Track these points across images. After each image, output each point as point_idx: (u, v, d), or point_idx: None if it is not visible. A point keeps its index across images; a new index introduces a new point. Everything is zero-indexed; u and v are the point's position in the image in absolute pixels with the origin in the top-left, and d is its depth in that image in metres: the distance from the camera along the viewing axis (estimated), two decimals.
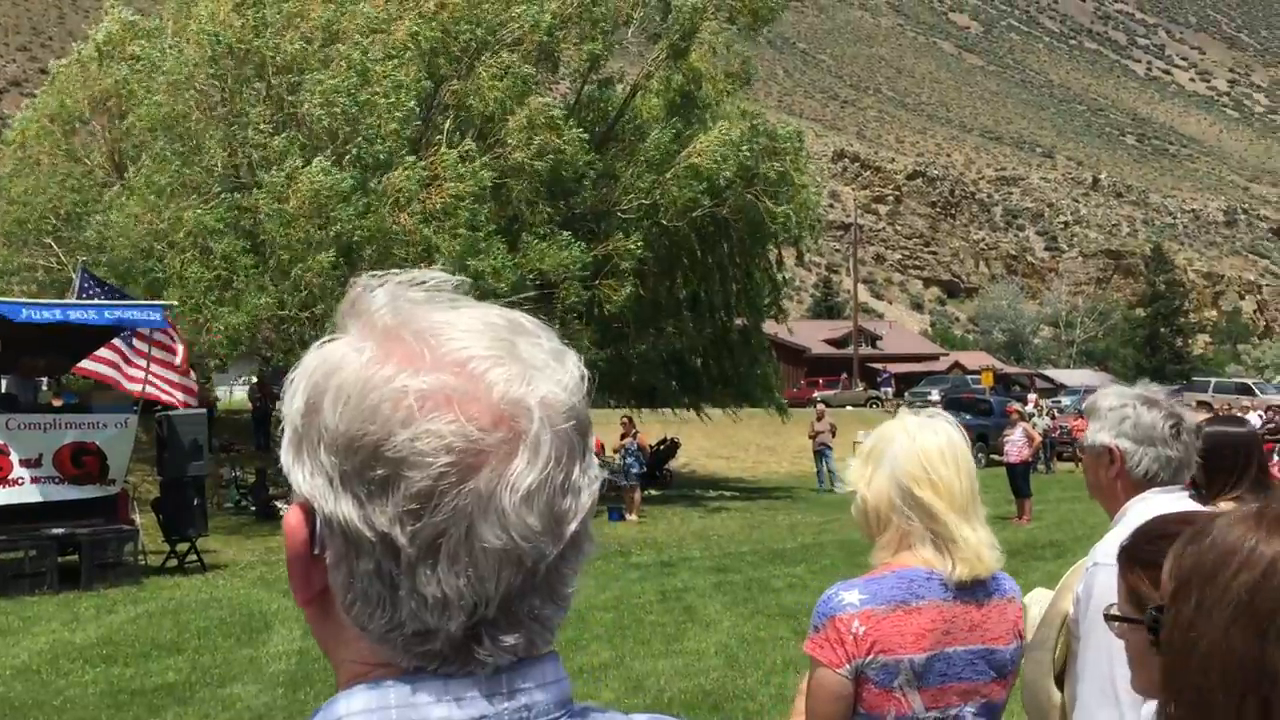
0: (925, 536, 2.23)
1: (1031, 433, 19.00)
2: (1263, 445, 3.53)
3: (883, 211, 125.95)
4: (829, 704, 2.19)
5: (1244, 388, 44.81)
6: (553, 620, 0.84)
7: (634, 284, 20.74)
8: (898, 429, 2.31)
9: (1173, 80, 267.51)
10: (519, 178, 19.46)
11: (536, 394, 0.80)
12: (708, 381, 25.24)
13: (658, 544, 15.36)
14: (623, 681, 7.63)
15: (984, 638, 2.26)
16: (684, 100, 23.06)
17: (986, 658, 2.27)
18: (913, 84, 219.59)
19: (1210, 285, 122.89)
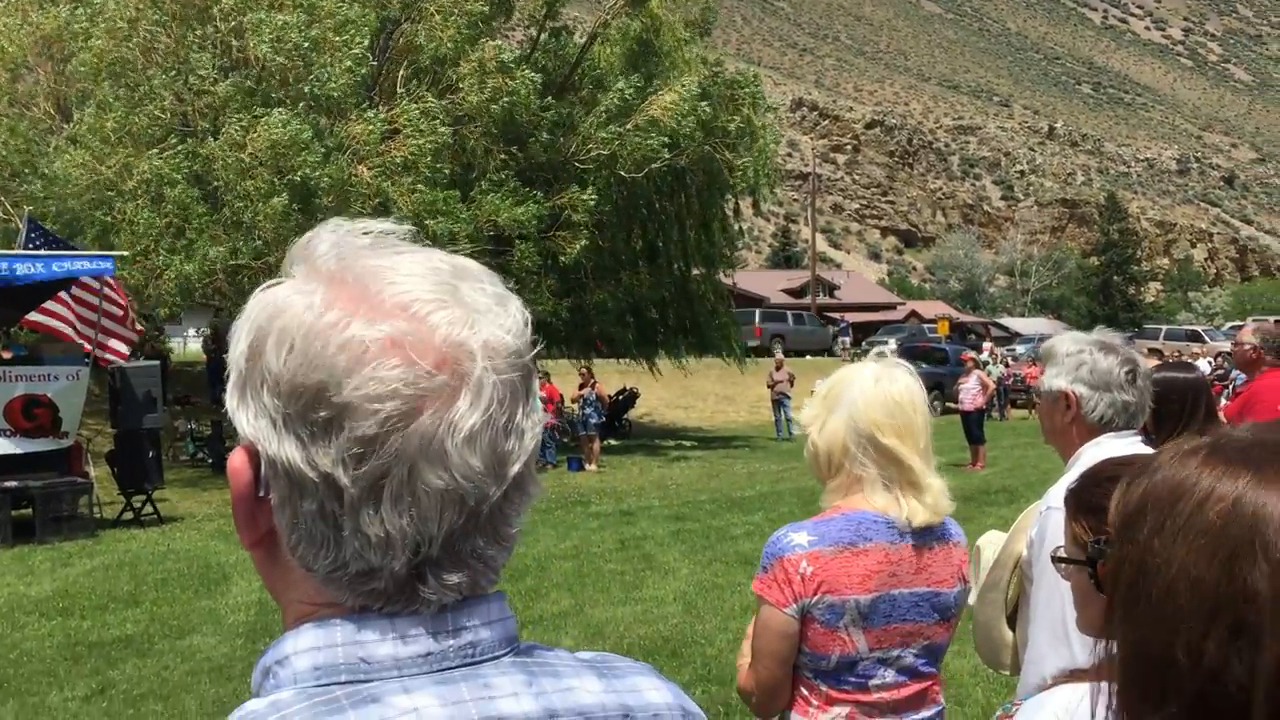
0: (878, 481, 2.25)
1: (986, 380, 19.22)
2: (1211, 390, 3.60)
3: (841, 161, 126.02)
4: (775, 642, 2.22)
5: (1194, 335, 45.54)
6: (496, 560, 0.85)
7: (589, 236, 20.63)
8: (857, 374, 2.32)
9: (1128, 29, 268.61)
10: (473, 125, 19.24)
11: (479, 337, 0.81)
12: (666, 332, 25.25)
13: (617, 493, 15.43)
14: (582, 629, 7.70)
15: (929, 581, 2.30)
16: (643, 49, 22.83)
17: (931, 600, 2.30)
18: (871, 32, 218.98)
19: (1163, 234, 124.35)
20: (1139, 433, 2.64)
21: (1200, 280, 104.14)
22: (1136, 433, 2.62)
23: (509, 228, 19.14)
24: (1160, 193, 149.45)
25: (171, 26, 18.14)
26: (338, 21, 17.54)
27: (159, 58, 18.15)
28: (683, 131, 20.76)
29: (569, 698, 0.86)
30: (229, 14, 18.09)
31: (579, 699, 0.87)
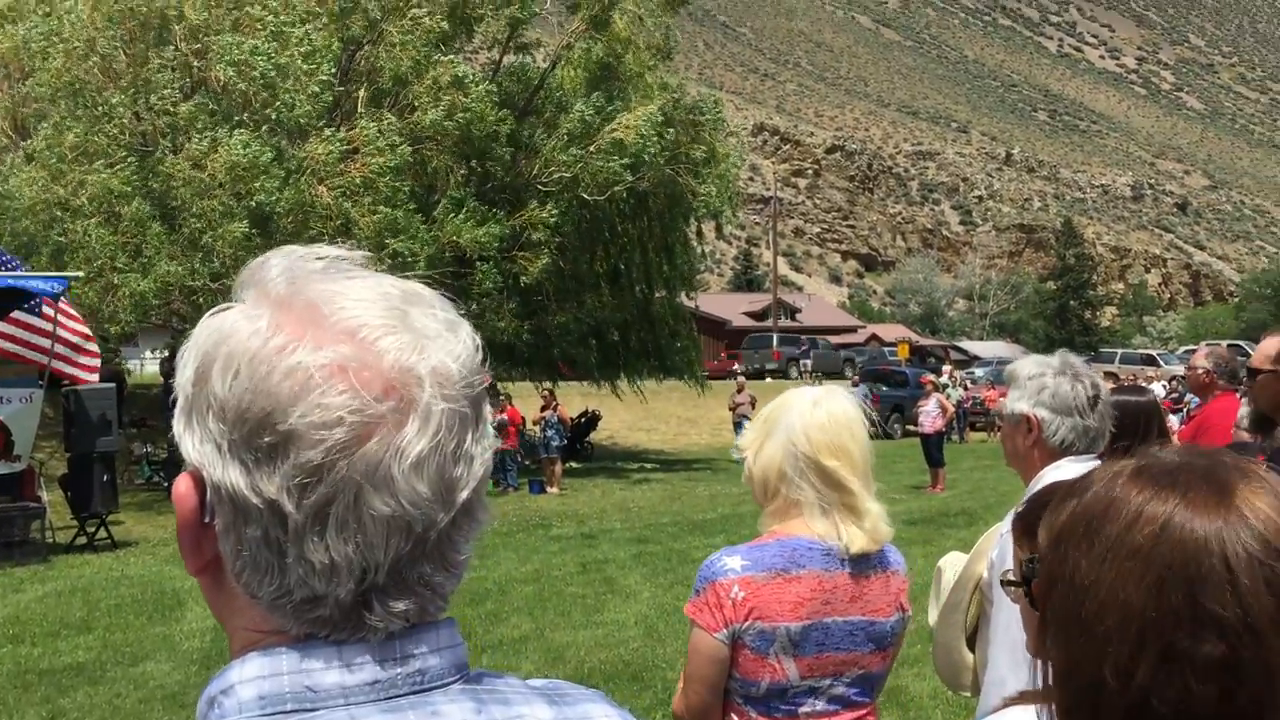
0: (816, 506, 2.22)
1: (945, 403, 19.34)
2: (1163, 413, 3.67)
3: (802, 185, 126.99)
4: (705, 667, 2.20)
5: (1149, 359, 46.12)
6: (444, 587, 0.84)
7: (551, 256, 20.65)
8: (796, 398, 2.30)
9: (1083, 57, 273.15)
10: (433, 143, 19.22)
11: (428, 363, 0.80)
12: (628, 354, 25.26)
13: (579, 516, 15.37)
14: (543, 653, 7.64)
15: (865, 610, 2.26)
16: (605, 73, 22.93)
17: (866, 630, 2.27)
18: (831, 58, 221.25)
19: (1118, 259, 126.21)
20: (1099, 456, 2.66)
21: (1155, 305, 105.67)
22: (1097, 456, 2.63)
23: (471, 248, 19.11)
24: (1115, 218, 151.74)
25: (131, 47, 18.01)
26: (305, 51, 17.48)
27: (118, 78, 18.00)
28: (645, 154, 20.84)
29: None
30: (191, 35, 18.00)
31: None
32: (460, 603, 9.31)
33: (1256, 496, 0.89)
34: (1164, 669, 0.85)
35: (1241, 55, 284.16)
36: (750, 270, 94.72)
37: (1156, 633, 0.85)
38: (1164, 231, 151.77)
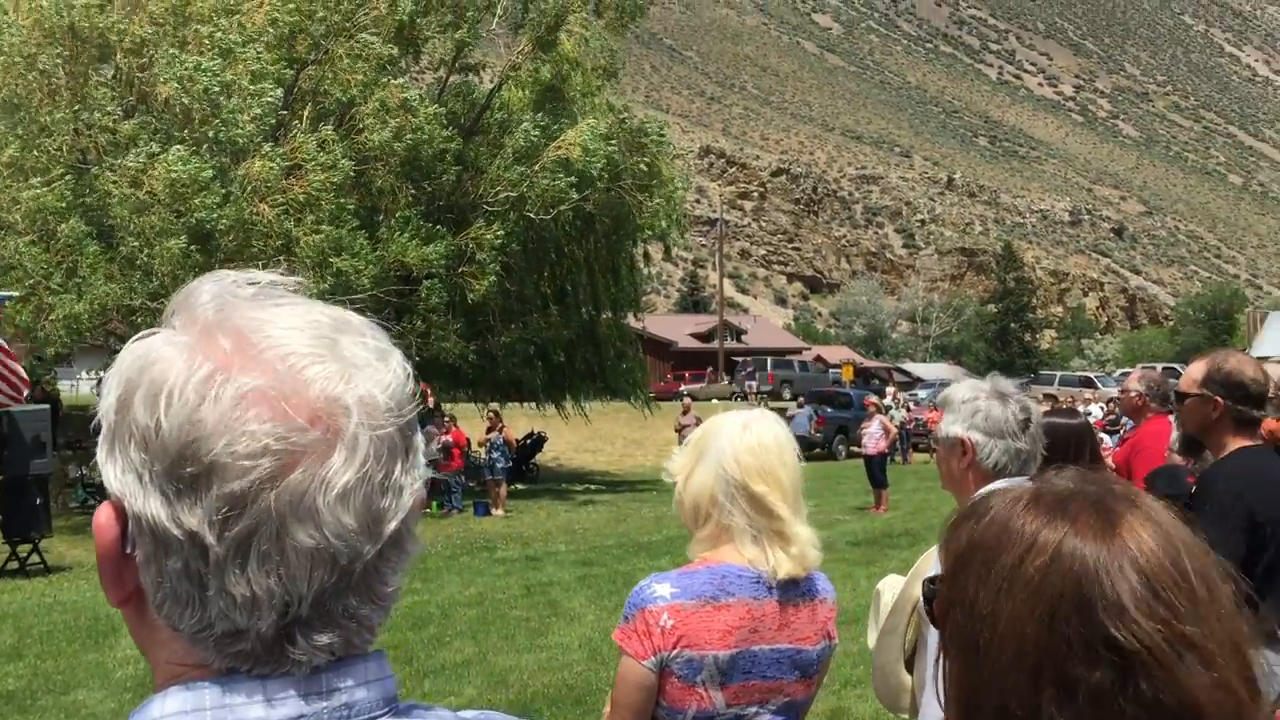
0: (746, 532, 2.21)
1: (888, 425, 19.51)
2: (1094, 435, 3.73)
3: (748, 207, 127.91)
4: (632, 694, 2.18)
5: (1087, 381, 46.96)
6: (371, 619, 0.83)
7: (496, 274, 20.60)
8: (725, 423, 2.29)
9: (1023, 84, 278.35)
10: (379, 163, 19.14)
11: (355, 392, 0.79)
12: (574, 375, 25.23)
13: (523, 538, 15.30)
14: (485, 677, 7.58)
15: (792, 637, 2.25)
16: (551, 94, 22.98)
17: (793, 658, 2.25)
18: (777, 83, 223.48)
19: (1056, 282, 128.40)
20: (1031, 479, 2.69)
21: (1092, 328, 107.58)
22: (1029, 479, 2.67)
23: (417, 267, 19.02)
24: (1054, 243, 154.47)
25: (72, 63, 17.75)
26: (253, 70, 17.35)
27: (57, 93, 17.73)
28: (592, 169, 20.86)
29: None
30: (134, 51, 17.78)
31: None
32: (402, 627, 9.21)
33: (1142, 526, 0.91)
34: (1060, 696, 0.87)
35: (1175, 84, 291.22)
36: (696, 292, 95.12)
37: (1052, 662, 0.87)
38: (1101, 256, 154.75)
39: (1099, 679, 0.86)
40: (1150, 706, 0.85)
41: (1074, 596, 0.88)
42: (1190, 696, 0.85)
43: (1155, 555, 0.89)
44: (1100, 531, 0.90)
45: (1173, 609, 0.87)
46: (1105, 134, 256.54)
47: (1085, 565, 0.89)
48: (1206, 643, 0.87)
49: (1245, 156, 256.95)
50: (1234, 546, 3.21)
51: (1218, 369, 3.45)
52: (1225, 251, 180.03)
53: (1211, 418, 3.45)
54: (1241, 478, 3.33)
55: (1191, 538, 0.93)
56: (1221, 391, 3.41)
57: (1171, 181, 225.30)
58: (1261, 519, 3.26)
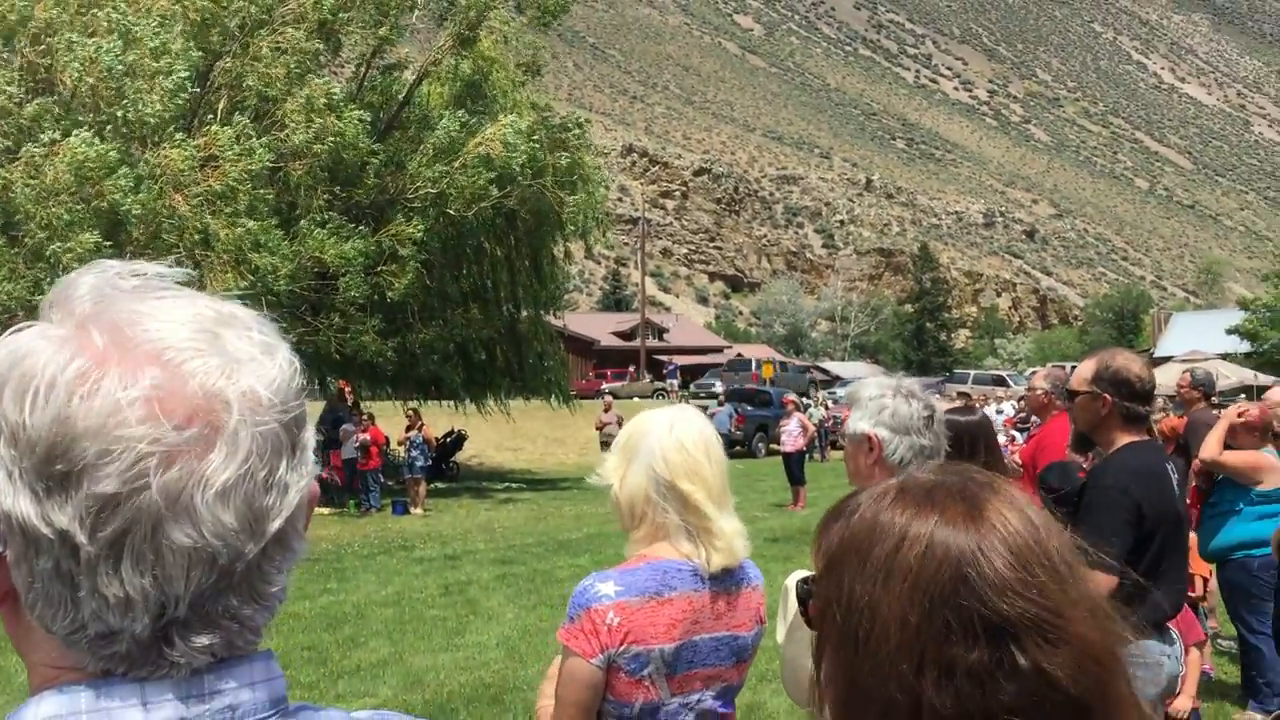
0: (681, 528, 2.26)
1: (806, 423, 19.73)
2: (991, 431, 3.83)
3: (670, 206, 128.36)
4: (581, 692, 2.21)
5: (999, 380, 47.94)
6: (254, 620, 0.81)
7: (416, 271, 20.39)
8: (652, 422, 2.34)
9: (939, 89, 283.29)
10: (298, 161, 18.83)
11: (237, 387, 0.77)
12: (495, 373, 25.10)
13: (442, 537, 15.18)
14: (401, 677, 7.51)
15: (729, 625, 2.32)
16: (472, 90, 22.83)
17: (730, 644, 2.33)
18: (699, 82, 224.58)
19: (971, 283, 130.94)
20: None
21: (1005, 327, 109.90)
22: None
23: (335, 264, 18.76)
24: (968, 244, 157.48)
25: None
26: (155, 48, 16.94)
27: None
28: (513, 166, 20.73)
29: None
30: (38, 36, 17.27)
31: None
32: (316, 627, 9.09)
33: (1006, 509, 0.95)
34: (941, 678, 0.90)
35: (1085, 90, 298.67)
36: (619, 290, 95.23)
37: (933, 645, 0.90)
38: (1014, 257, 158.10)
39: (976, 658, 0.89)
40: (1024, 678, 0.89)
41: (952, 580, 0.91)
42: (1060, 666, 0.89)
43: (1021, 535, 0.93)
44: (968, 517, 0.94)
45: (1042, 584, 0.91)
46: (1018, 138, 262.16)
47: (960, 549, 0.92)
48: (1072, 613, 0.91)
49: (1151, 161, 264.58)
50: (1121, 538, 3.31)
51: (1106, 367, 3.54)
52: (1131, 254, 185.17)
53: (1101, 414, 3.55)
54: (1128, 472, 3.43)
55: (1048, 518, 0.97)
56: (1110, 389, 3.51)
57: (1081, 185, 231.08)
58: (1147, 512, 3.37)
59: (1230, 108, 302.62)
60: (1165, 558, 3.46)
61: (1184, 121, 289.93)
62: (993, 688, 0.89)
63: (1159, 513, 3.42)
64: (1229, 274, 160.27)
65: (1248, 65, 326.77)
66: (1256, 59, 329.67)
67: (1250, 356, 45.96)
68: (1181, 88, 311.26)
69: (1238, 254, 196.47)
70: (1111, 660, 0.92)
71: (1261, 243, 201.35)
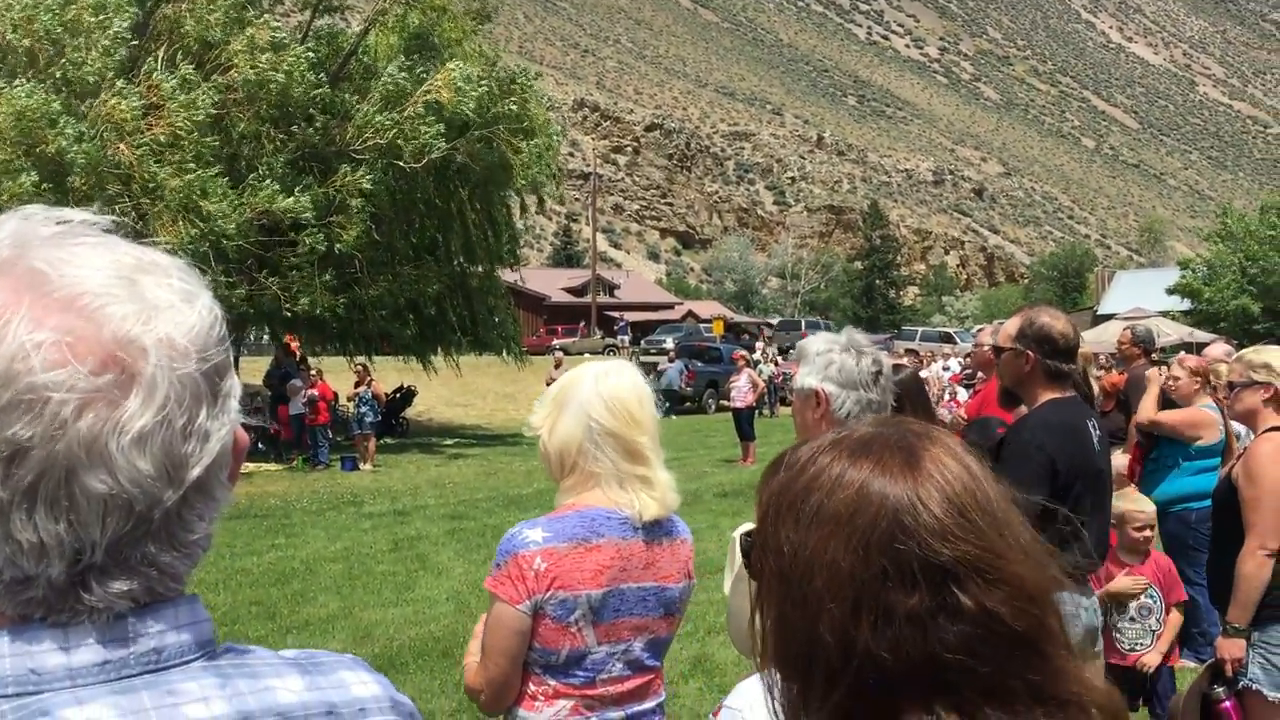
0: (613, 477, 2.28)
1: (756, 379, 19.84)
2: (923, 387, 3.88)
3: (621, 162, 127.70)
4: (507, 639, 2.22)
5: (947, 337, 48.46)
6: (175, 567, 0.81)
7: (365, 223, 20.16)
8: (585, 373, 2.36)
9: (890, 46, 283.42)
10: (242, 106, 18.48)
11: (154, 334, 0.77)
12: (445, 329, 24.97)
13: (392, 493, 15.15)
14: (350, 632, 7.52)
15: (656, 576, 2.34)
16: (420, 41, 22.50)
17: (658, 595, 2.34)
18: (651, 36, 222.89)
19: (920, 241, 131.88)
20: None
21: (953, 285, 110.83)
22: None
23: (285, 216, 18.49)
24: (918, 202, 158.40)
25: None
26: (94, 3, 16.51)
27: None
28: (464, 112, 20.44)
29: (266, 698, 0.83)
30: None
31: (278, 699, 0.84)
32: (265, 583, 9.06)
33: (942, 458, 0.98)
34: (878, 623, 0.92)
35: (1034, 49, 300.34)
36: (570, 246, 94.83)
37: (869, 591, 0.92)
38: (962, 215, 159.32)
39: (915, 602, 0.91)
40: (968, 617, 0.91)
41: (889, 527, 0.93)
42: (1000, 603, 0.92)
43: (957, 482, 0.96)
44: (905, 466, 0.97)
45: (978, 528, 0.94)
46: (968, 96, 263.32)
47: (897, 497, 0.94)
48: (1008, 554, 0.94)
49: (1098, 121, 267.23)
50: (1036, 492, 3.38)
51: (1030, 324, 3.59)
52: (1077, 212, 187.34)
53: (1024, 370, 3.59)
54: (1045, 428, 3.49)
55: (984, 467, 1.00)
56: (1034, 346, 3.55)
57: (1029, 144, 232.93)
58: (1062, 467, 3.43)
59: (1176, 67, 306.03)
60: (1083, 511, 3.53)
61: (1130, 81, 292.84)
62: (935, 630, 0.91)
63: (1075, 467, 3.47)
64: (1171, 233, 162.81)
65: (1194, 25, 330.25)
66: (1202, 18, 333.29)
67: (1189, 314, 46.86)
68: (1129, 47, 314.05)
69: (1181, 213, 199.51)
70: (1045, 599, 0.95)
71: (1204, 202, 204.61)
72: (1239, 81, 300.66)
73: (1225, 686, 3.68)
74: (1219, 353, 7.43)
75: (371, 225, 20.77)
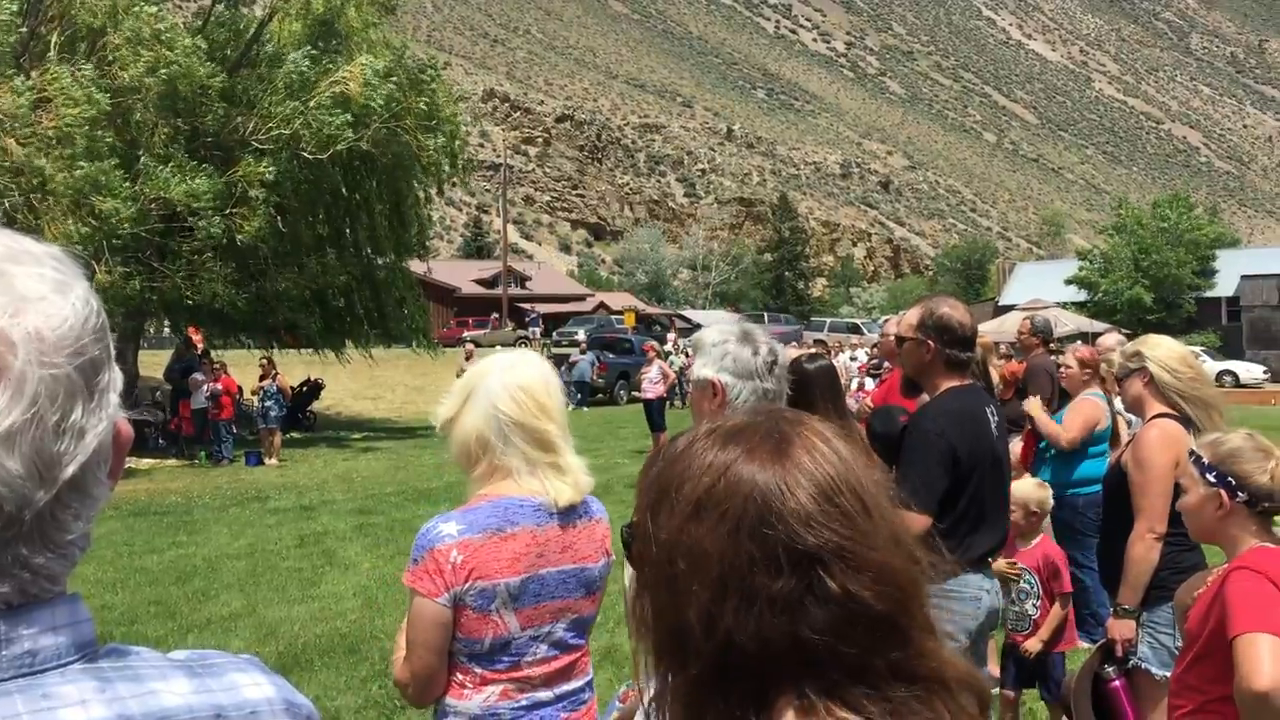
0: (522, 466, 2.31)
1: (667, 370, 19.95)
2: (837, 378, 3.95)
3: (532, 153, 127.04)
4: (429, 632, 2.24)
5: (854, 327, 49.25)
6: (51, 568, 0.78)
7: (268, 214, 19.74)
8: (491, 364, 2.39)
9: (798, 39, 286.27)
10: (135, 96, 17.96)
11: (23, 327, 0.74)
12: (354, 321, 24.60)
13: (298, 488, 14.91)
14: (254, 630, 7.38)
15: (575, 557, 2.37)
16: (324, 28, 22.08)
17: (577, 576, 2.38)
18: (561, 27, 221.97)
19: (828, 233, 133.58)
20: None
21: (860, 277, 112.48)
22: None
23: (182, 204, 18.03)
24: (826, 194, 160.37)
25: None
26: None
27: None
28: (372, 107, 20.16)
29: (149, 702, 0.80)
30: None
31: (162, 702, 0.81)
32: (165, 581, 8.85)
33: (812, 445, 1.00)
34: (743, 608, 0.93)
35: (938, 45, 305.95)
36: (480, 237, 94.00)
37: (736, 576, 0.94)
38: (869, 208, 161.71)
39: (783, 586, 0.93)
40: (834, 601, 0.93)
41: (756, 513, 0.95)
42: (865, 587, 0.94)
43: (825, 469, 0.98)
44: (775, 453, 0.98)
45: (847, 514, 0.95)
46: (874, 90, 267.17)
47: (765, 484, 0.96)
48: (874, 541, 0.96)
49: (999, 116, 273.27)
50: (937, 479, 3.46)
51: (930, 314, 3.66)
52: (980, 205, 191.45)
53: (925, 360, 3.67)
54: (946, 416, 3.57)
55: (858, 454, 1.02)
56: (934, 335, 3.63)
57: (933, 138, 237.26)
58: (962, 454, 3.52)
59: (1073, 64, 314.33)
60: (984, 497, 3.62)
61: (1030, 77, 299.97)
62: (801, 613, 0.93)
63: (975, 454, 3.56)
64: (1070, 226, 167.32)
65: (1090, 23, 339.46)
66: (1098, 17, 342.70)
67: (1086, 305, 48.25)
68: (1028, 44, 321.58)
69: (1078, 206, 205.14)
70: (912, 586, 0.98)
71: (1100, 196, 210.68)
72: (1133, 78, 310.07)
73: (1116, 666, 3.80)
74: (1110, 343, 7.65)
75: (276, 215, 20.36)
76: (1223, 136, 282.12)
